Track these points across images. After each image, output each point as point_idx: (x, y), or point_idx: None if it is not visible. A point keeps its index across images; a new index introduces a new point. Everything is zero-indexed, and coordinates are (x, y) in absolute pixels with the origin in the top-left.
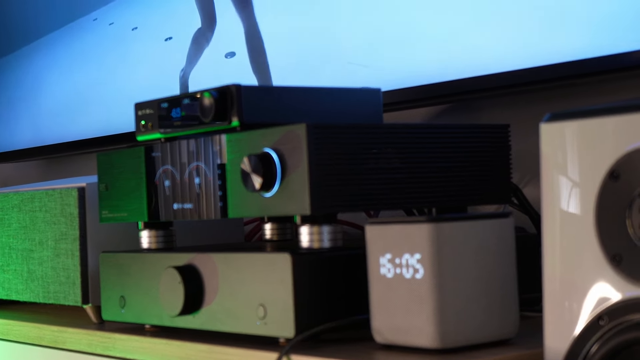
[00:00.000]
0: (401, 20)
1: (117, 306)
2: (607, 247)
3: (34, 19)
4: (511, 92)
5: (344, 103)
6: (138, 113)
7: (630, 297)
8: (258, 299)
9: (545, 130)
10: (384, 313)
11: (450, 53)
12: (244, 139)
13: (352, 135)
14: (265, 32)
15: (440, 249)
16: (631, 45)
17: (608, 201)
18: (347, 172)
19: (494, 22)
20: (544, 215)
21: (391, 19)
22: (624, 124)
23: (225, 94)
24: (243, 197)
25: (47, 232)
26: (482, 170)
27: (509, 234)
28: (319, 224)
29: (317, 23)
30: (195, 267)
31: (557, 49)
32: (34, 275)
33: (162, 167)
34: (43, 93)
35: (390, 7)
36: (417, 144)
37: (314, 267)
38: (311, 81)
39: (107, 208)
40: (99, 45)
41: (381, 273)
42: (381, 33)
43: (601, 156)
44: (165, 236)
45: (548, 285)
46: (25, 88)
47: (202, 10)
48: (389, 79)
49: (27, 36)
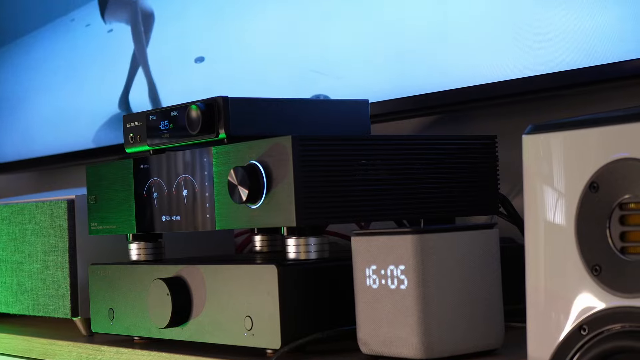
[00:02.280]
0: (392, 30)
1: (106, 318)
2: (588, 257)
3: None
4: (501, 102)
5: (331, 114)
6: (127, 125)
7: (610, 307)
8: (245, 310)
9: (527, 142)
10: (370, 324)
11: (441, 64)
12: (230, 151)
13: (338, 147)
14: (258, 43)
15: (424, 260)
16: (618, 56)
17: (588, 212)
18: (333, 184)
19: (484, 33)
20: (526, 226)
21: (382, 30)
22: (603, 136)
23: (212, 106)
24: (230, 209)
25: (37, 244)
26: (469, 181)
27: (494, 245)
28: (305, 236)
29: (307, 31)
30: (183, 279)
31: (546, 60)
32: (23, 288)
33: (150, 179)
34: (32, 104)
35: (380, 18)
36: (404, 156)
37: (300, 278)
38: (303, 92)
39: (96, 220)
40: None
41: (367, 284)
42: (371, 43)
43: (582, 167)
44: (155, 248)
45: (531, 296)
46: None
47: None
48: (378, 89)
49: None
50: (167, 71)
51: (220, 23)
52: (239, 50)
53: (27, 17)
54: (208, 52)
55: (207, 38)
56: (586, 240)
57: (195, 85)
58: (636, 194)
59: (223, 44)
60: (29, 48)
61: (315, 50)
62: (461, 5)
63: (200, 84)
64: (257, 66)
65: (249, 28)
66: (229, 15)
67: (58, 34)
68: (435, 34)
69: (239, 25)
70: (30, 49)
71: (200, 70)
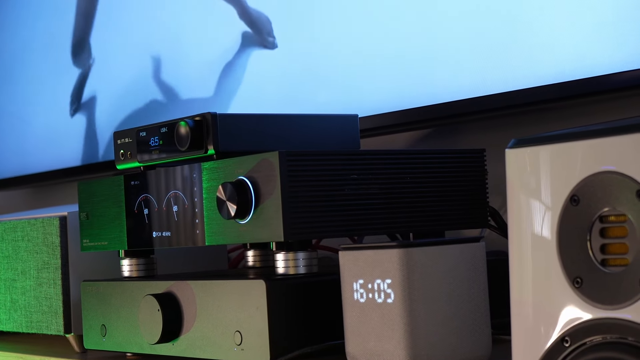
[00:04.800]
0: (380, 46)
1: (99, 335)
2: (569, 270)
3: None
4: (492, 115)
5: (321, 129)
6: (117, 142)
7: (592, 318)
8: (234, 325)
9: (510, 156)
10: (358, 338)
11: (430, 78)
12: (219, 167)
13: (325, 162)
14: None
15: (410, 274)
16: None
17: (569, 225)
18: (321, 199)
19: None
20: (510, 240)
21: (371, 45)
22: (583, 150)
23: (201, 122)
24: (220, 225)
25: (30, 261)
26: (459, 195)
27: (480, 258)
28: (294, 250)
29: (299, 45)
30: (174, 295)
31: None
32: (16, 305)
33: (141, 195)
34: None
35: (368, 33)
36: (392, 170)
37: (288, 293)
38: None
39: (88, 237)
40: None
41: (354, 298)
42: (361, 58)
43: (563, 181)
44: (146, 264)
45: (515, 308)
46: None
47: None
48: (367, 105)
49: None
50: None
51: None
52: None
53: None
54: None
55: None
56: (568, 253)
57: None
58: (615, 206)
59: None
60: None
61: (305, 64)
62: (449, 20)
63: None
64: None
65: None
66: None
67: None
68: (425, 48)
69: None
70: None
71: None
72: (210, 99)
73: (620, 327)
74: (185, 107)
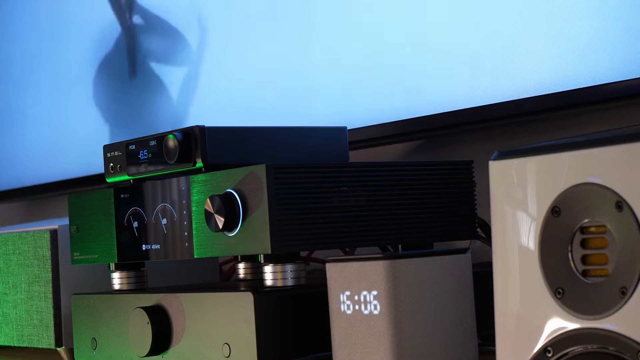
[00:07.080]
0: (372, 57)
1: (89, 348)
2: (551, 280)
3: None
4: (481, 127)
5: (309, 142)
6: (107, 155)
7: (573, 328)
8: (223, 337)
9: (493, 168)
10: (345, 350)
11: (419, 89)
12: (207, 180)
13: (313, 175)
14: (246, 70)
15: (396, 286)
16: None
17: (551, 236)
18: (309, 211)
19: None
20: (494, 251)
21: (361, 56)
22: (565, 161)
23: (189, 135)
24: (208, 237)
25: (21, 274)
26: (447, 206)
27: (466, 270)
28: (282, 263)
29: (290, 56)
30: (163, 308)
31: (524, 85)
32: (8, 319)
33: (131, 209)
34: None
35: (359, 44)
36: (380, 182)
37: (276, 305)
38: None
39: (78, 250)
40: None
41: (341, 310)
42: (351, 71)
43: (544, 192)
44: (137, 277)
45: (499, 318)
46: None
47: None
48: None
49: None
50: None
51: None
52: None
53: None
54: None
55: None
56: (549, 264)
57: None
58: (595, 217)
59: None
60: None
61: (296, 77)
62: (439, 30)
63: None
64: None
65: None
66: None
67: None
68: (414, 58)
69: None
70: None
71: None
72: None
73: (601, 337)
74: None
